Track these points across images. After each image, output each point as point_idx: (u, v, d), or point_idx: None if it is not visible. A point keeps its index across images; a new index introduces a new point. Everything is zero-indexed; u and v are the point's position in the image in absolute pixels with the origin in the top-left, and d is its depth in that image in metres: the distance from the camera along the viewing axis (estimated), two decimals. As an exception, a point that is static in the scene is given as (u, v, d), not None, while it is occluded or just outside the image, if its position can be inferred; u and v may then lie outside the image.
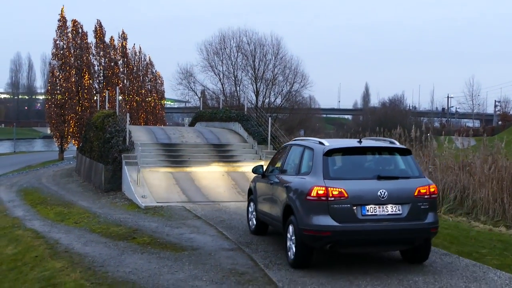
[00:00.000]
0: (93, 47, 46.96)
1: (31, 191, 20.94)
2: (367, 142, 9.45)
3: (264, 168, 11.05)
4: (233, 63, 50.72)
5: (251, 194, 11.76)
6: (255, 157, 20.97)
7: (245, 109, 25.62)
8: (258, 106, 40.42)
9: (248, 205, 11.97)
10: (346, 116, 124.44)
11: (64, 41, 43.28)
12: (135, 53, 58.97)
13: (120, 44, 52.58)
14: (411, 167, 8.87)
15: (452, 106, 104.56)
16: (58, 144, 44.91)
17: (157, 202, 15.56)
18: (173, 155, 20.15)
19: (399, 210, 8.27)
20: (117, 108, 22.83)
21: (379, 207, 8.21)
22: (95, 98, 42.19)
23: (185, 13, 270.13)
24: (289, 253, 8.88)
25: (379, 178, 8.41)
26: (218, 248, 10.15)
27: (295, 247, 8.62)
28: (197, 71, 51.75)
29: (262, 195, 10.89)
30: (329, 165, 8.55)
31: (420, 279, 8.04)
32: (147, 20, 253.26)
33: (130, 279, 8.21)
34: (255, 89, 49.99)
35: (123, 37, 53.17)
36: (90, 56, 46.07)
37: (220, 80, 50.80)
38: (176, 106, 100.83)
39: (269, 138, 21.31)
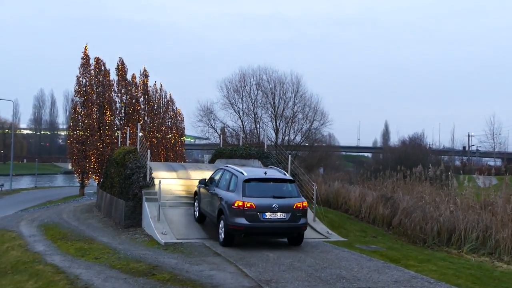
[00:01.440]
0: (115, 84, 47.79)
1: (52, 226, 21.05)
2: (269, 173, 15.18)
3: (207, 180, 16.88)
4: (253, 100, 51.07)
5: (196, 195, 17.61)
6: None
7: (265, 147, 25.69)
8: (278, 144, 40.52)
9: (194, 202, 17.91)
10: (365, 154, 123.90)
11: (87, 78, 44.08)
12: (156, 90, 59.78)
13: (141, 82, 53.50)
14: (294, 190, 14.65)
15: (473, 145, 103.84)
16: (79, 180, 45.32)
17: (177, 239, 15.56)
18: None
19: (284, 216, 13.90)
20: (138, 145, 23.04)
21: (273, 214, 13.79)
22: (116, 134, 42.72)
23: (206, 50, 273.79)
24: (220, 237, 14.42)
25: (274, 197, 14.04)
26: (237, 285, 10.12)
27: (224, 234, 14.15)
28: (217, 108, 52.12)
29: (204, 197, 16.66)
30: (246, 188, 14.12)
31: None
32: (168, 57, 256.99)
33: (150, 316, 8.19)
34: (274, 126, 50.13)
35: (145, 74, 54.12)
36: (112, 93, 46.80)
37: (240, 117, 51.06)
38: (195, 143, 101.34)
39: (289, 175, 21.23)
